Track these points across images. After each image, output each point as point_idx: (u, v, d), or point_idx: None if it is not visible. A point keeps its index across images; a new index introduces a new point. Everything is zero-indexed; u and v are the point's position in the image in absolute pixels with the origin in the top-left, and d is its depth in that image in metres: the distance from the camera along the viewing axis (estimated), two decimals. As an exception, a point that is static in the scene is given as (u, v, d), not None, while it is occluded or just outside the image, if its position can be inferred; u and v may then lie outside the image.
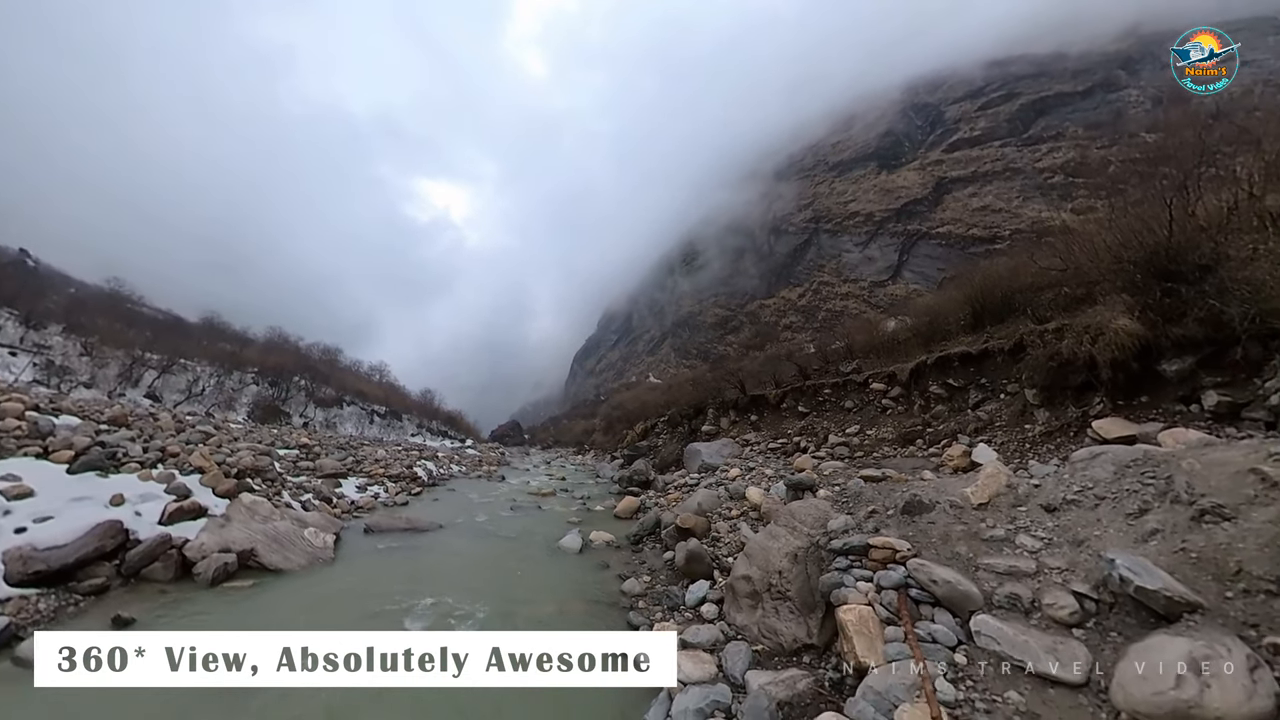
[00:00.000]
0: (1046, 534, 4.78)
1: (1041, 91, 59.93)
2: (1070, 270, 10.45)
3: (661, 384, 71.90)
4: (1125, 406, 8.38)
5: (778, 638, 5.56)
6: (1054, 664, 3.40)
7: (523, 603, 7.89)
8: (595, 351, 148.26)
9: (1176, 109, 27.99)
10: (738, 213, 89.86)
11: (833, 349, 22.53)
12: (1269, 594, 3.14)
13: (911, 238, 62.69)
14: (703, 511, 10.63)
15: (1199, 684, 2.72)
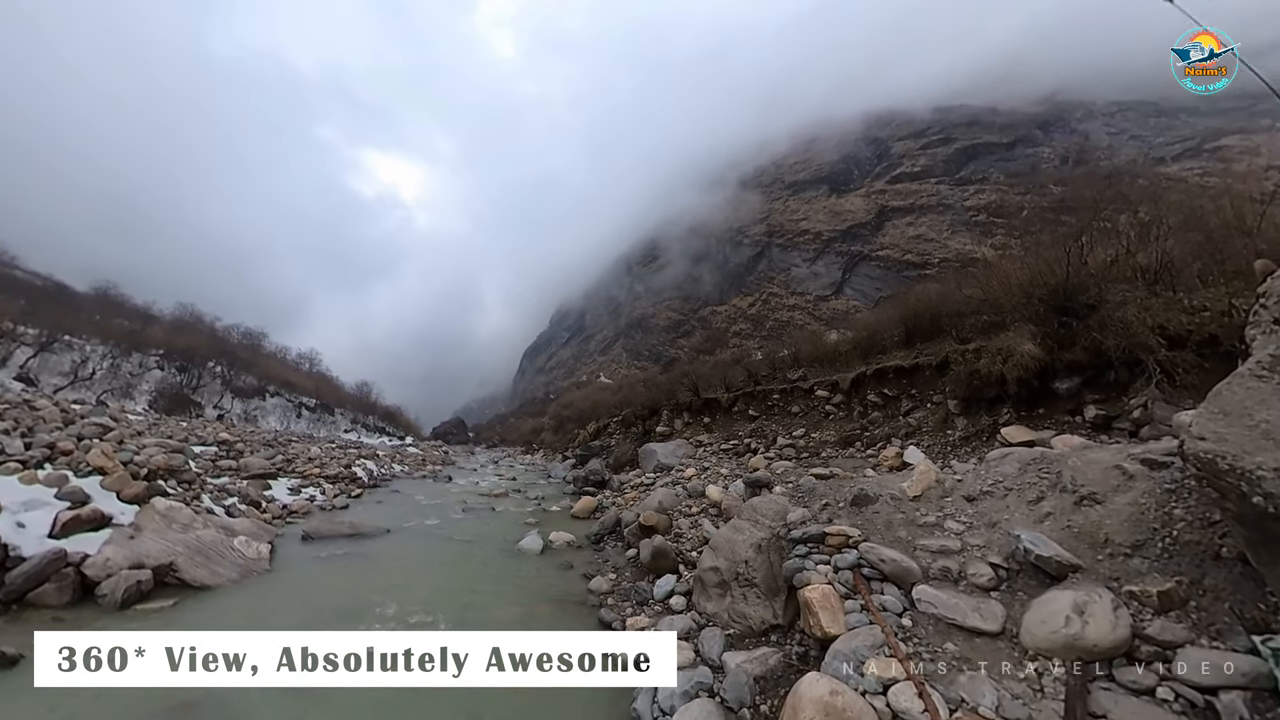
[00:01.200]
0: (968, 519, 5.80)
1: (974, 139, 67.57)
2: (988, 300, 12.11)
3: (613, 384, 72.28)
4: (1027, 416, 9.92)
5: (747, 621, 6.19)
6: (978, 619, 4.30)
7: (487, 606, 7.74)
8: (546, 349, 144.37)
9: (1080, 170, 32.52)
10: (701, 216, 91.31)
11: (780, 357, 24.08)
12: (1125, 555, 4.20)
13: (854, 258, 67.84)
14: (664, 509, 11.03)
15: (1080, 623, 3.66)
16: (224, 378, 44.48)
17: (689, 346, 77.62)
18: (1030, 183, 58.54)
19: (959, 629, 4.23)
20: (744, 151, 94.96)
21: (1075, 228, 10.76)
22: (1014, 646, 3.97)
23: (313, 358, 67.84)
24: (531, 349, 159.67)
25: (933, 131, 70.76)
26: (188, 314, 53.26)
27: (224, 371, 44.83)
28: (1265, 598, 3.21)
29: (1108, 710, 3.17)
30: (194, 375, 41.52)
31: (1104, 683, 3.43)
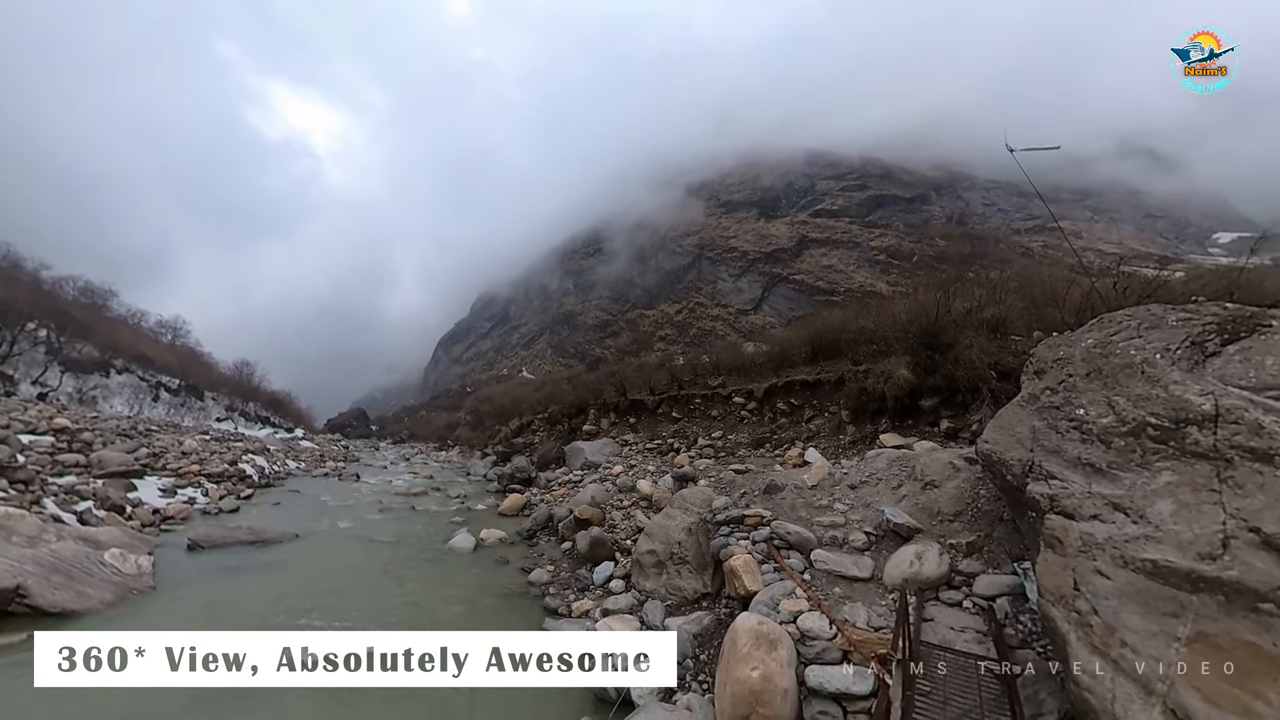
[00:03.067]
0: (850, 501, 7.40)
1: (884, 190, 77.31)
2: (877, 331, 14.55)
3: (535, 380, 71.03)
4: (900, 426, 12.19)
5: (682, 592, 7.26)
6: (856, 570, 5.79)
7: (428, 606, 7.62)
8: (465, 337, 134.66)
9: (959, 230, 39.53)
10: (650, 213, 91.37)
11: (703, 364, 25.92)
12: (949, 521, 5.94)
13: (774, 279, 73.78)
14: (597, 504, 11.69)
15: (919, 565, 5.24)
16: (50, 345, 34.61)
17: (616, 347, 78.81)
18: (922, 234, 69.32)
19: (843, 578, 5.66)
20: (694, 160, 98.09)
21: (945, 281, 13.46)
22: (879, 585, 5.54)
23: (178, 327, 55.59)
24: (449, 337, 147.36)
25: (852, 177, 79.87)
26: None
27: (51, 337, 35.05)
28: (1021, 540, 4.93)
29: (935, 615, 4.72)
30: (3, 340, 31.10)
31: (932, 600, 5.05)
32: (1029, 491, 3.79)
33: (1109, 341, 4.07)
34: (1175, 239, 70.22)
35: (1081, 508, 3.34)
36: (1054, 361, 4.42)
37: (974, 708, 3.46)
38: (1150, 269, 15.44)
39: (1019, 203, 74.49)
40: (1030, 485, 3.83)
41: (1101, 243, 66.54)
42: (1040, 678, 3.57)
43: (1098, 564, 2.99)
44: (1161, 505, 2.99)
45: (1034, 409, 4.30)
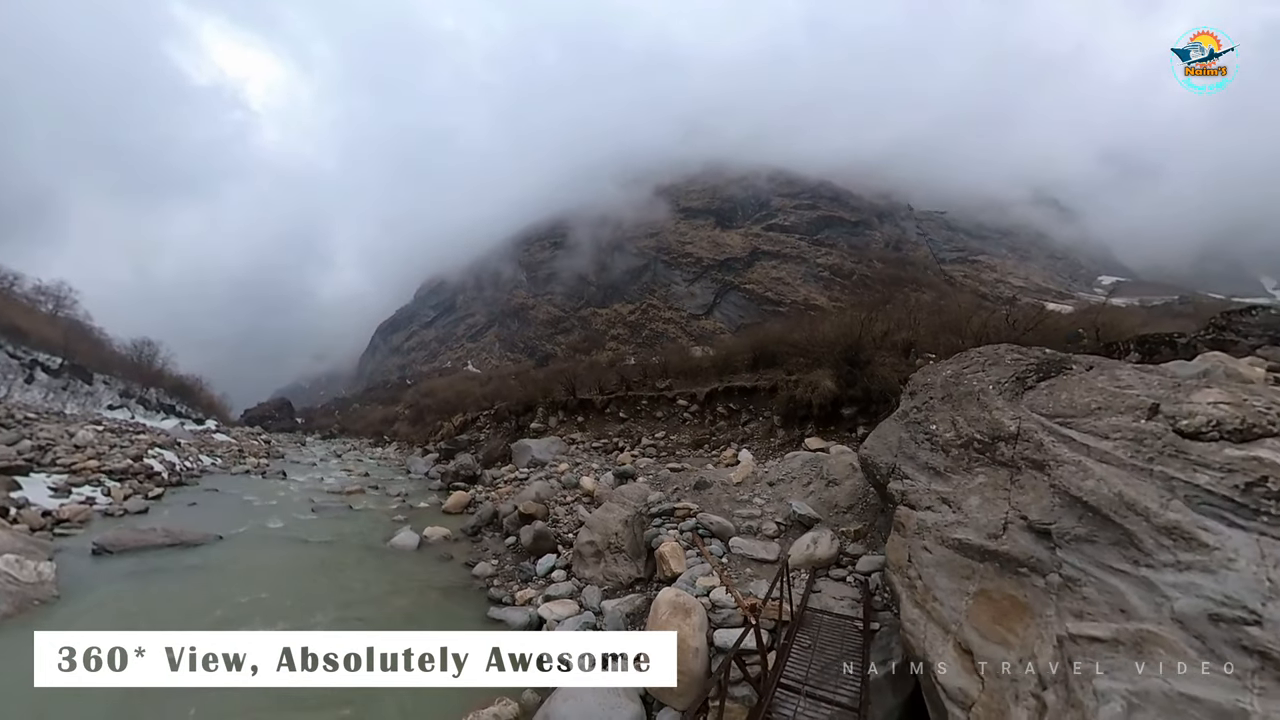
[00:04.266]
0: (767, 496, 8.44)
1: (832, 212, 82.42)
2: (810, 345, 16.00)
3: (482, 374, 69.37)
4: (823, 431, 13.57)
5: (618, 578, 7.97)
6: (765, 553, 6.78)
7: (374, 602, 7.69)
8: (406, 326, 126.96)
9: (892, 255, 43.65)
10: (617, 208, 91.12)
11: (652, 365, 26.82)
12: (844, 512, 7.04)
13: (726, 287, 76.53)
14: (541, 500, 12.25)
15: (814, 548, 6.23)
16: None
17: (567, 344, 78.50)
18: (862, 255, 74.87)
19: (754, 560, 6.62)
20: (661, 162, 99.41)
21: (871, 303, 15.08)
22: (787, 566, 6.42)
23: (61, 295, 46.57)
24: (389, 324, 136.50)
25: (805, 196, 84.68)
26: None
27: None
28: (889, 527, 6.06)
29: (822, 588, 5.76)
30: None
31: (823, 576, 6.12)
32: (889, 488, 4.82)
33: (961, 373, 5.19)
34: (1070, 278, 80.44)
35: (921, 501, 4.35)
36: (923, 385, 5.53)
37: (839, 656, 4.42)
38: (1048, 301, 18.01)
39: (947, 235, 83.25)
40: (890, 483, 4.86)
41: (1012, 277, 75.22)
42: (891, 631, 4.58)
43: (925, 543, 3.98)
44: (972, 499, 4.02)
45: (903, 423, 5.37)
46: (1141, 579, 3.08)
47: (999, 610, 3.45)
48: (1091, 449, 3.76)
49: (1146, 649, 2.86)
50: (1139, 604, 3.01)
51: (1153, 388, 4.26)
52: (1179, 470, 3.46)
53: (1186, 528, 3.16)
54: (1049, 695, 3.03)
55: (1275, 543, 3.09)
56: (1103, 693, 2.81)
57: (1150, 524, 3.21)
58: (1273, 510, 3.17)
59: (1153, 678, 2.76)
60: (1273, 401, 3.85)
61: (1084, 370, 4.95)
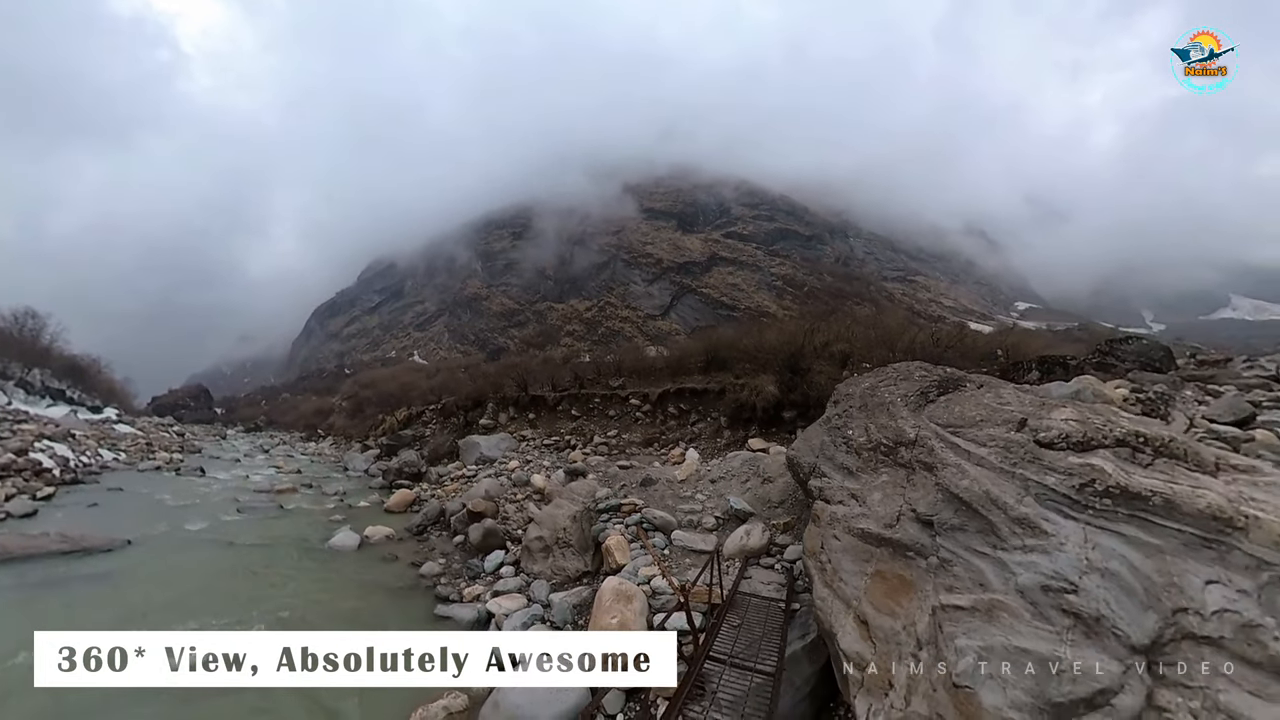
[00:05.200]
0: (709, 493, 9.07)
1: (789, 225, 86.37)
2: (758, 351, 16.93)
3: (429, 366, 66.82)
4: (766, 432, 14.46)
5: (566, 571, 8.28)
6: (704, 545, 7.36)
7: (314, 604, 7.50)
8: (348, 310, 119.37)
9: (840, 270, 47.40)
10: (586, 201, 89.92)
11: (607, 364, 27.12)
12: (776, 507, 7.74)
13: (683, 289, 78.15)
14: (491, 497, 12.30)
15: (748, 539, 6.85)
16: None
17: (521, 338, 77.15)
18: (814, 268, 79.23)
19: (694, 551, 7.17)
20: (632, 161, 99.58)
21: (815, 314, 16.19)
22: (720, 556, 7.00)
23: None
24: (327, 307, 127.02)
25: (765, 208, 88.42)
26: None
27: None
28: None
29: (753, 574, 6.38)
30: None
31: (755, 564, 6.73)
32: (810, 485, 5.48)
33: (876, 386, 5.94)
34: (991, 302, 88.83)
35: (835, 496, 5.01)
36: (845, 395, 6.26)
37: (764, 632, 5.00)
38: (972, 321, 20.21)
39: (890, 255, 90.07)
40: (811, 480, 5.52)
41: (944, 297, 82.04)
42: (809, 609, 5.21)
43: (835, 532, 4.62)
44: (875, 495, 4.70)
45: (827, 428, 6.06)
46: (997, 559, 3.81)
47: (890, 587, 4.11)
48: (971, 454, 4.52)
49: (995, 614, 3.57)
50: (993, 579, 3.73)
51: (1025, 405, 5.12)
52: (1034, 473, 4.26)
53: (1033, 519, 3.93)
54: (923, 654, 3.69)
55: (1096, 530, 3.91)
56: (961, 649, 3.48)
57: (1007, 516, 3.96)
58: (1097, 505, 4.00)
59: (998, 636, 3.47)
60: (1109, 420, 4.77)
61: (975, 388, 5.82)
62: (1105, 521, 3.84)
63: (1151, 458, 4.33)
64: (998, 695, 3.25)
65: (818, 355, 15.46)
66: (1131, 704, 3.12)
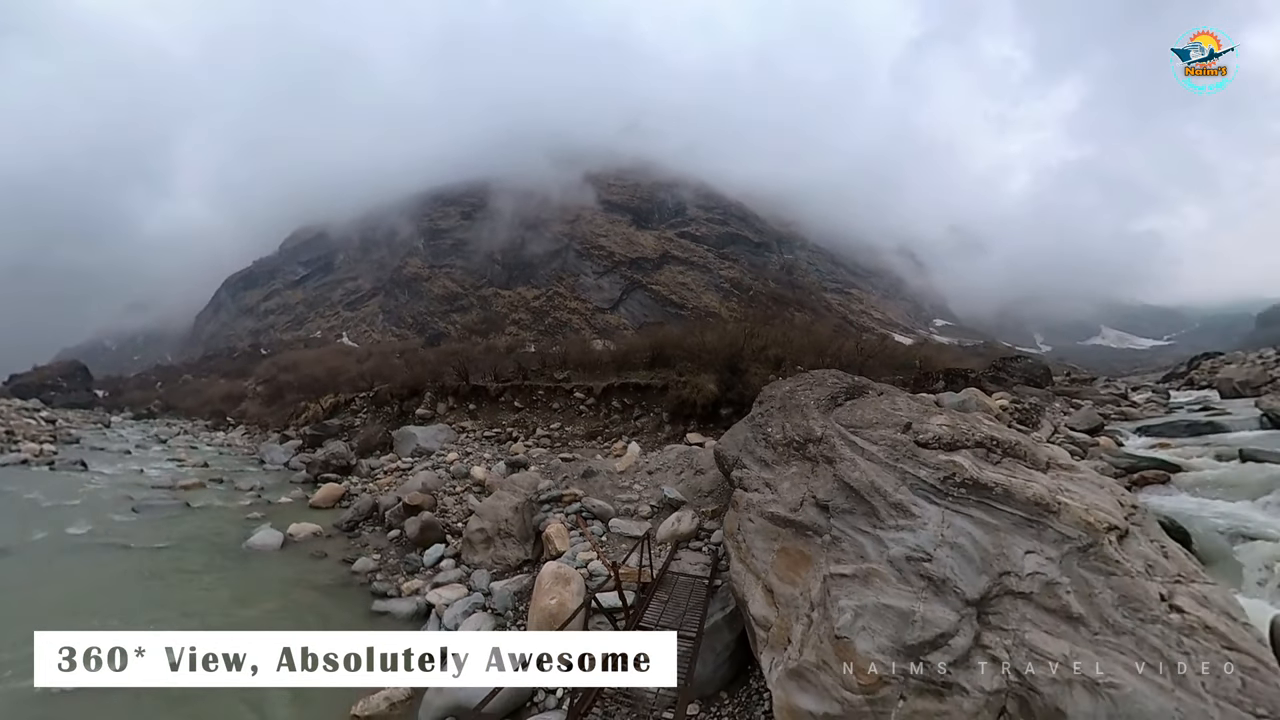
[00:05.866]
0: (645, 483, 9.68)
1: (740, 230, 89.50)
2: (700, 351, 17.83)
3: (360, 349, 62.85)
4: (704, 428, 15.33)
5: (507, 561, 8.52)
6: (638, 531, 7.92)
7: (235, 606, 7.14)
8: (266, 282, 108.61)
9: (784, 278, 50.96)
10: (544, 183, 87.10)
11: (552, 355, 27.14)
12: (705, 496, 8.49)
13: (634, 284, 78.80)
14: (428, 490, 12.16)
15: (678, 525, 7.49)
16: None
17: (464, 324, 74.36)
18: (760, 274, 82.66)
19: (629, 537, 7.71)
20: (594, 149, 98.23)
21: (755, 318, 17.27)
22: (654, 540, 7.60)
23: None
24: (243, 277, 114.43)
25: (718, 211, 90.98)
26: None
27: None
28: None
29: (682, 556, 6.99)
30: None
31: (685, 547, 7.38)
32: (732, 475, 6.18)
33: (795, 390, 6.75)
34: (915, 317, 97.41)
35: (752, 485, 5.73)
36: (769, 397, 7.04)
37: (689, 606, 5.63)
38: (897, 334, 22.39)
39: (830, 268, 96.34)
40: (734, 471, 6.23)
41: (875, 310, 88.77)
42: (729, 584, 5.90)
43: (750, 515, 5.32)
44: (785, 484, 5.45)
45: (751, 425, 6.80)
46: (875, 536, 4.63)
47: (792, 561, 4.84)
48: (864, 451, 5.37)
49: (870, 580, 4.36)
50: (871, 552, 4.54)
51: (912, 412, 6.06)
52: (911, 467, 5.14)
53: (906, 504, 4.79)
54: (814, 614, 4.44)
55: (952, 513, 4.82)
56: (842, 608, 4.24)
57: (886, 501, 4.79)
58: (955, 493, 4.91)
59: (870, 596, 4.25)
60: (973, 426, 5.79)
61: (877, 395, 6.76)
62: (959, 506, 4.74)
63: (1000, 457, 5.34)
64: (868, 642, 4.03)
65: (754, 358, 16.59)
66: (963, 643, 3.97)
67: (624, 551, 7.22)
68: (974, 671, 3.81)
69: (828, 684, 4.04)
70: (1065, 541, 4.35)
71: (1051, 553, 4.35)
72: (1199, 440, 11.27)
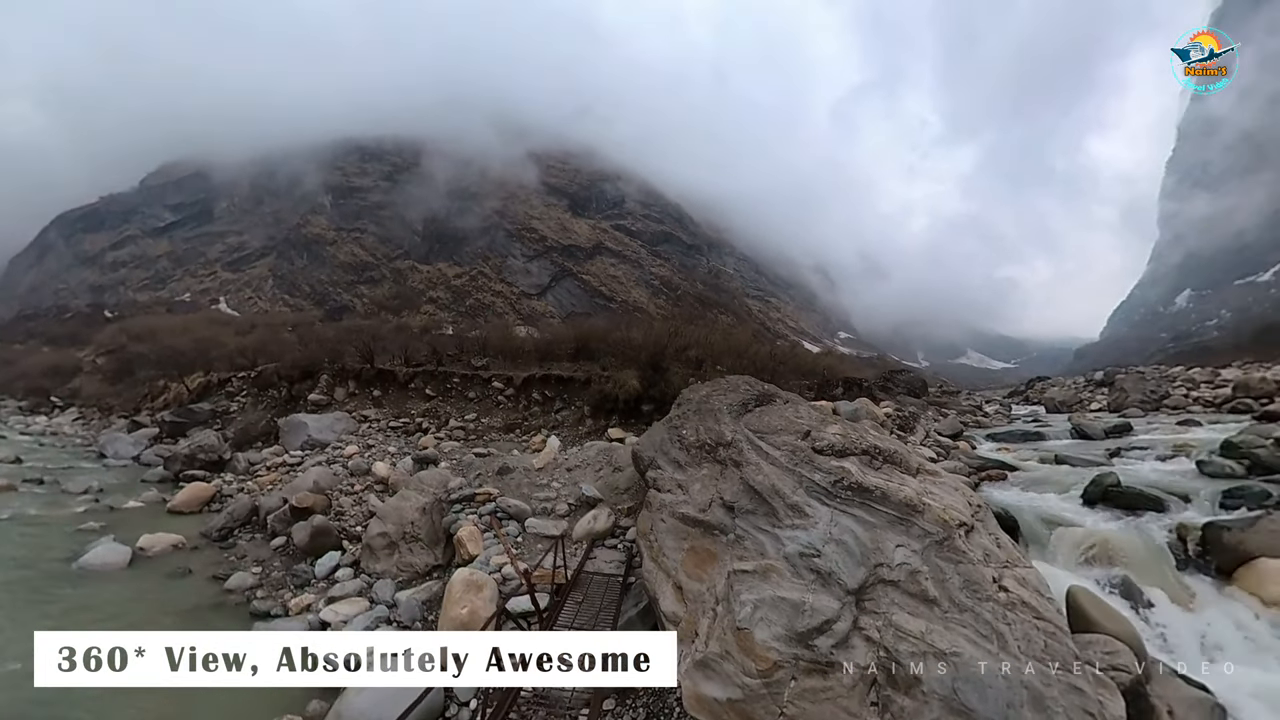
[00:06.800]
0: (564, 480, 9.65)
1: (674, 230, 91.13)
2: (624, 345, 18.02)
3: (241, 319, 54.90)
4: (625, 424, 15.55)
5: (414, 568, 8.03)
6: (555, 530, 7.91)
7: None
8: (117, 225, 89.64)
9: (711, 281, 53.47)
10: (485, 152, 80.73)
11: (472, 340, 25.74)
12: (622, 493, 8.68)
13: (564, 272, 77.11)
14: (321, 489, 10.96)
15: (595, 523, 7.59)
16: None
17: (373, 299, 67.92)
18: (689, 275, 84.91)
19: (546, 537, 7.66)
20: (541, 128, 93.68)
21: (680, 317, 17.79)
22: (570, 539, 7.64)
23: None
24: (83, 217, 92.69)
25: (655, 209, 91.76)
26: None
27: None
28: None
29: (598, 555, 7.09)
30: None
31: (600, 545, 7.47)
32: (647, 475, 6.42)
33: (711, 394, 7.13)
34: (823, 330, 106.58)
35: (666, 486, 6.00)
36: (686, 400, 7.38)
37: (603, 605, 5.75)
38: (807, 343, 24.33)
39: (754, 276, 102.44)
40: (649, 472, 6.47)
41: (790, 319, 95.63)
42: (642, 583, 6.12)
43: (662, 515, 5.57)
44: (696, 485, 5.78)
45: (668, 427, 7.09)
46: (774, 535, 5.07)
47: (699, 559, 5.16)
48: (768, 455, 5.83)
49: (768, 575, 4.79)
50: (770, 549, 4.97)
51: (811, 420, 6.67)
52: (807, 471, 5.67)
53: (801, 505, 5.29)
54: (719, 608, 4.78)
55: (840, 513, 5.39)
56: (743, 601, 4.62)
57: (784, 503, 5.26)
58: (843, 495, 5.50)
59: (768, 590, 4.67)
60: (861, 435, 6.49)
61: (783, 403, 7.34)
62: (846, 507, 5.33)
63: (881, 463, 6.06)
64: (765, 631, 4.43)
65: (677, 357, 17.12)
66: (843, 627, 4.50)
67: (540, 553, 7.16)
68: (852, 650, 4.34)
69: (730, 672, 4.39)
70: (927, 536, 5.05)
71: (916, 546, 5.03)
72: (1029, 445, 13.94)
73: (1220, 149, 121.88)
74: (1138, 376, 27.14)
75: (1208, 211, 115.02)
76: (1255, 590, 5.66)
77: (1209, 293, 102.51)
